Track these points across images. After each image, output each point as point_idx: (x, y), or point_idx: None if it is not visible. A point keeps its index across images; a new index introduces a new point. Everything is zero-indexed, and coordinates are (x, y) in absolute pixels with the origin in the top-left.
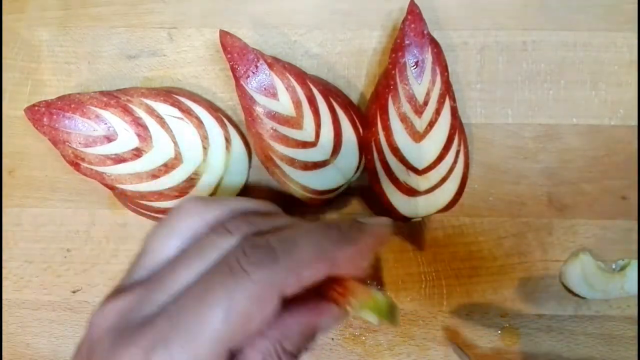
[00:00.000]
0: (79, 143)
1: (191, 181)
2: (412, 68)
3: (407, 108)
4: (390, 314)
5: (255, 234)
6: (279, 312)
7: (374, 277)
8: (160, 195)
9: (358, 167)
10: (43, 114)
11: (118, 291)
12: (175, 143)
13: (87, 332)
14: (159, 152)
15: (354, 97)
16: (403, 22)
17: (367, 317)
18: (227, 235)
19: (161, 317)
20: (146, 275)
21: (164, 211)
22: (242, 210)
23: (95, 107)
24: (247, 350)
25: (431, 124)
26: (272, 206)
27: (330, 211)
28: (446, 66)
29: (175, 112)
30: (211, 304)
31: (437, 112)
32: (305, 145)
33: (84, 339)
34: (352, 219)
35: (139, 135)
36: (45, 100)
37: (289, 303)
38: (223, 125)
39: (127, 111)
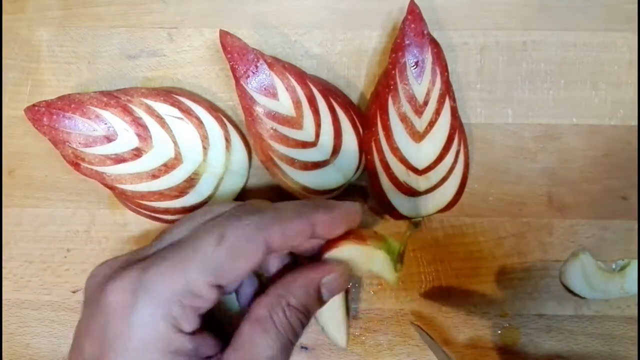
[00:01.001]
0: (79, 143)
1: (191, 181)
2: (412, 68)
3: (407, 108)
4: (399, 258)
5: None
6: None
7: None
8: (160, 195)
9: (358, 167)
10: (43, 114)
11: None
12: (175, 143)
13: (84, 292)
14: (159, 152)
15: (354, 97)
16: (403, 22)
17: (380, 268)
18: (223, 205)
19: (155, 254)
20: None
21: (164, 211)
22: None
23: (95, 107)
24: (253, 307)
25: (431, 124)
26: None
27: None
28: (446, 66)
29: (175, 112)
30: (203, 237)
31: (437, 112)
32: (305, 145)
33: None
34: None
35: (139, 135)
36: (45, 100)
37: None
38: (223, 125)
39: (127, 111)
